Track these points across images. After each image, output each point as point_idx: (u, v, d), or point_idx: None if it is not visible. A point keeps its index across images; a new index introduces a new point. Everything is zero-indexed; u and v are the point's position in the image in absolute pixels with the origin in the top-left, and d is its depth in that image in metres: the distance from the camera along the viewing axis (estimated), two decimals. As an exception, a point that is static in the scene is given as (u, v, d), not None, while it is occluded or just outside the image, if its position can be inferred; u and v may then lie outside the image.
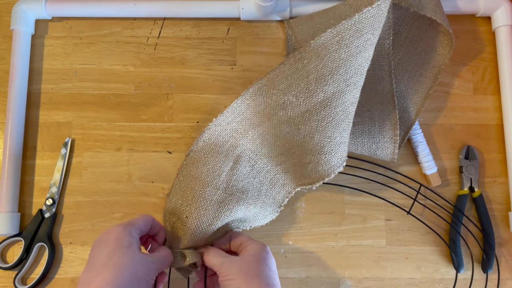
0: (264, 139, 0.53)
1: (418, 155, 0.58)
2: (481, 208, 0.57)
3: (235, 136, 0.53)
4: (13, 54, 0.59)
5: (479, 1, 0.60)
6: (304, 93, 0.48)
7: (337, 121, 0.49)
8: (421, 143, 0.58)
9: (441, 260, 0.57)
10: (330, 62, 0.47)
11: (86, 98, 0.61)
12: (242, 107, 0.52)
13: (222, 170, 0.51)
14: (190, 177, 0.51)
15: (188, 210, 0.49)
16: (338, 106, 0.48)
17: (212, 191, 0.50)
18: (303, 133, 0.50)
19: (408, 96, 0.58)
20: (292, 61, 0.48)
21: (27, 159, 0.59)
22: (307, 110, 0.49)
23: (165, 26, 0.62)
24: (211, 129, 0.53)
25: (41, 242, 0.56)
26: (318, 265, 0.57)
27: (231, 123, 0.53)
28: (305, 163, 0.51)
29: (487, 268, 0.56)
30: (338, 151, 0.50)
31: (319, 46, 0.46)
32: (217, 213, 0.49)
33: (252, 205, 0.52)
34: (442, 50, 0.57)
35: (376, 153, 0.56)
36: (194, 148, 0.53)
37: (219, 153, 0.52)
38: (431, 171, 0.58)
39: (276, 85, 0.49)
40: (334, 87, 0.47)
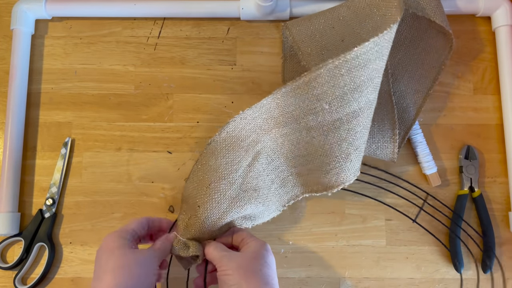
0: (286, 140, 0.52)
1: (418, 155, 0.58)
2: (481, 208, 0.57)
3: (258, 132, 0.52)
4: (13, 54, 0.59)
5: (479, 1, 0.60)
6: (338, 102, 0.47)
7: (365, 131, 0.49)
8: (420, 143, 0.58)
9: (441, 260, 0.57)
10: (368, 72, 0.46)
11: (86, 98, 0.61)
12: (272, 105, 0.50)
13: (240, 165, 0.51)
14: (208, 167, 0.50)
15: (201, 200, 0.49)
16: (368, 116, 0.48)
17: (227, 185, 0.49)
18: (331, 140, 0.49)
19: (408, 96, 0.58)
20: (331, 67, 0.46)
21: (27, 159, 0.59)
22: (338, 118, 0.48)
23: (165, 26, 0.63)
24: (236, 121, 0.51)
25: (41, 242, 0.56)
26: (318, 265, 0.57)
27: (256, 119, 0.51)
28: (327, 169, 0.51)
29: (487, 268, 0.56)
30: (360, 158, 0.50)
31: (360, 56, 0.45)
32: (229, 208, 0.49)
33: (261, 203, 0.52)
34: (442, 50, 0.57)
35: (376, 153, 0.56)
36: (216, 138, 0.51)
37: (240, 147, 0.51)
38: (431, 171, 0.58)
39: (311, 90, 0.47)
40: (367, 97, 0.47)
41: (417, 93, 0.58)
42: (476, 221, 0.58)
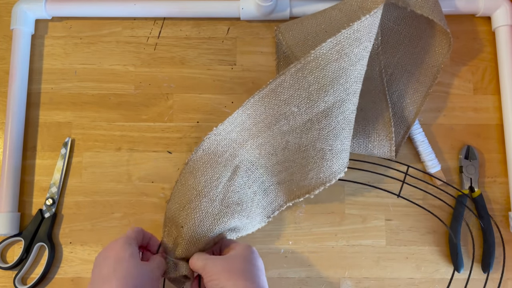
0: (262, 149, 0.53)
1: (421, 154, 0.58)
2: (481, 208, 0.57)
3: (233, 146, 0.52)
4: (13, 54, 0.59)
5: (479, 1, 0.60)
6: (306, 103, 0.48)
7: (339, 130, 0.49)
8: (422, 142, 0.58)
9: (441, 260, 0.57)
10: (331, 72, 0.47)
11: (86, 98, 0.61)
12: (243, 117, 0.51)
13: (219, 181, 0.51)
14: (188, 186, 0.50)
15: (184, 220, 0.49)
16: (339, 115, 0.49)
17: (209, 203, 0.49)
18: (305, 142, 0.50)
19: (408, 95, 0.58)
20: (293, 71, 0.48)
21: (27, 159, 0.59)
22: (309, 119, 0.49)
23: (165, 26, 0.63)
24: (210, 138, 0.52)
25: (41, 242, 0.56)
26: (318, 265, 0.57)
27: (230, 133, 0.52)
28: (306, 171, 0.51)
29: (487, 268, 0.56)
30: (340, 157, 0.50)
31: (319, 56, 0.47)
32: (212, 225, 0.49)
33: (245, 216, 0.52)
34: (441, 50, 0.57)
35: (374, 152, 0.56)
36: (193, 157, 0.52)
37: (218, 163, 0.51)
38: (435, 170, 0.58)
39: (278, 95, 0.49)
40: (334, 96, 0.48)
41: (416, 92, 0.58)
42: (476, 221, 0.58)
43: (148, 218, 0.58)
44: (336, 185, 0.58)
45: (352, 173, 0.59)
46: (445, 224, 0.57)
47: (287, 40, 0.58)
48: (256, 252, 0.46)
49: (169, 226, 0.51)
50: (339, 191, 0.59)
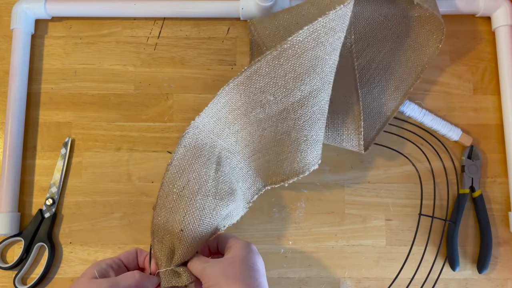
0: (239, 136, 0.52)
1: (439, 130, 0.59)
2: (481, 208, 0.57)
3: (211, 137, 0.51)
4: (13, 54, 0.59)
5: (479, 1, 0.60)
6: (282, 92, 0.48)
7: (314, 120, 0.49)
8: (433, 120, 0.59)
9: (441, 260, 0.57)
10: (307, 60, 0.46)
11: (86, 98, 0.61)
12: (218, 106, 0.50)
13: (208, 175, 0.49)
14: (177, 187, 0.48)
15: (183, 223, 0.46)
16: (314, 105, 0.48)
17: (203, 199, 0.47)
18: (281, 130, 0.50)
19: (388, 91, 0.58)
20: (270, 59, 0.47)
21: (27, 159, 0.59)
22: (284, 108, 0.49)
23: (165, 26, 0.63)
24: (189, 133, 0.50)
25: (41, 242, 0.56)
26: (318, 265, 0.57)
27: (207, 125, 0.50)
28: (281, 160, 0.51)
29: (483, 269, 0.56)
30: (314, 149, 0.50)
31: (296, 44, 0.46)
32: (211, 221, 0.48)
33: (236, 206, 0.51)
34: (428, 49, 0.58)
35: (343, 145, 0.55)
36: (175, 155, 0.49)
37: (202, 156, 0.50)
38: (458, 136, 0.59)
39: (253, 83, 0.48)
40: (310, 86, 0.47)
41: (397, 90, 0.58)
42: (475, 221, 0.58)
43: (148, 218, 0.58)
44: (336, 185, 0.59)
45: (350, 172, 0.59)
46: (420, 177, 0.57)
47: (258, 31, 0.58)
48: (255, 251, 0.45)
49: (159, 234, 0.48)
50: (339, 191, 0.59)
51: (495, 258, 0.57)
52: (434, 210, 0.58)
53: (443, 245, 0.57)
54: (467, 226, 0.58)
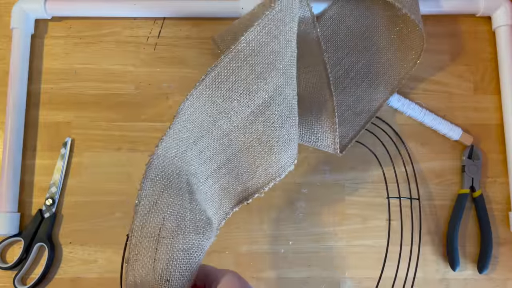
0: (202, 156, 0.48)
1: (439, 130, 0.59)
2: (481, 208, 0.57)
3: (175, 162, 0.46)
4: (13, 54, 0.59)
5: (479, 1, 0.60)
6: (246, 95, 0.45)
7: (283, 118, 0.47)
8: (433, 120, 0.59)
9: (441, 260, 0.57)
10: (265, 57, 0.45)
11: (86, 98, 0.61)
12: (180, 125, 0.46)
13: (184, 208, 0.43)
14: (153, 230, 0.41)
15: (168, 272, 0.39)
16: (281, 103, 0.46)
17: (186, 238, 0.41)
18: (250, 137, 0.47)
19: (363, 102, 0.58)
20: (226, 62, 0.44)
21: (27, 159, 0.59)
22: (251, 112, 0.46)
23: (165, 26, 0.62)
24: (153, 163, 0.44)
25: (41, 242, 0.56)
26: (318, 265, 0.57)
27: (169, 149, 0.45)
28: (254, 168, 0.48)
29: (483, 269, 0.56)
30: (288, 149, 0.47)
31: (250, 41, 0.44)
32: (198, 260, 0.41)
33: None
34: (405, 64, 0.58)
35: (317, 144, 0.53)
36: (143, 193, 0.43)
37: (172, 187, 0.44)
38: (458, 135, 0.59)
39: (214, 92, 0.45)
40: (273, 83, 0.46)
41: (372, 101, 0.59)
42: (476, 221, 0.58)
43: (148, 218, 0.57)
44: (336, 185, 0.59)
45: (350, 172, 0.59)
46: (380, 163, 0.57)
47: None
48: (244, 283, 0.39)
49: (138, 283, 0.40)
50: (339, 191, 0.59)
51: (495, 258, 0.57)
52: (399, 191, 0.58)
53: (443, 245, 0.57)
54: (467, 226, 0.58)
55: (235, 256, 0.57)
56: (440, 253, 0.57)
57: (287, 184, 0.58)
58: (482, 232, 0.57)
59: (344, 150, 0.55)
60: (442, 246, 0.57)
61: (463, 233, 0.58)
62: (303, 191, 0.58)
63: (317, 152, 0.59)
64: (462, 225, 0.57)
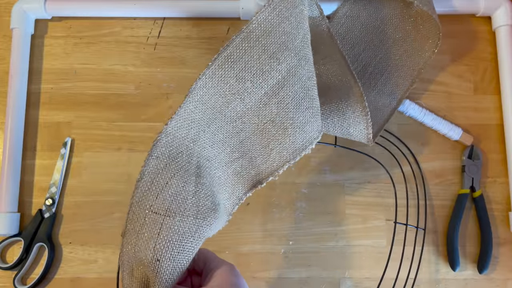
0: (215, 138, 0.47)
1: (439, 130, 0.59)
2: (481, 208, 0.57)
3: (186, 144, 0.45)
4: (13, 54, 0.59)
5: (479, 1, 0.60)
6: (259, 76, 0.45)
7: (298, 100, 0.46)
8: (433, 120, 0.59)
9: (441, 260, 0.57)
10: (277, 37, 0.45)
11: (86, 98, 0.61)
12: (191, 106, 0.45)
13: (187, 191, 0.42)
14: (150, 208, 0.40)
15: (159, 251, 0.38)
16: (295, 84, 0.46)
17: (182, 222, 0.40)
18: (263, 119, 0.47)
19: (384, 96, 0.58)
20: (238, 42, 0.44)
21: (27, 159, 0.59)
22: (265, 93, 0.46)
23: (165, 26, 0.62)
24: (161, 141, 0.44)
25: (41, 242, 0.56)
26: (318, 265, 0.57)
27: (180, 129, 0.45)
28: (269, 151, 0.48)
29: (483, 269, 0.56)
30: (303, 131, 0.46)
31: (262, 22, 0.44)
32: (194, 245, 0.40)
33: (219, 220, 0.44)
34: (424, 54, 0.58)
35: (349, 131, 0.53)
36: (146, 169, 0.42)
37: (178, 168, 0.43)
38: (459, 135, 0.59)
39: (227, 72, 0.44)
40: (286, 63, 0.45)
41: (392, 94, 0.58)
42: (475, 221, 0.58)
43: (148, 218, 0.57)
44: (336, 185, 0.59)
45: (350, 172, 0.59)
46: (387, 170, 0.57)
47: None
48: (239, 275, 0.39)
49: (129, 266, 0.40)
50: (339, 191, 0.59)
51: (495, 258, 0.57)
52: (408, 217, 0.58)
53: (443, 245, 0.57)
54: (467, 226, 0.58)
55: (235, 256, 0.57)
56: (440, 253, 0.57)
57: (287, 184, 0.58)
58: (482, 232, 0.57)
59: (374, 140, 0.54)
60: (442, 246, 0.57)
61: (463, 233, 0.58)
62: (303, 191, 0.58)
63: (318, 152, 0.59)
64: (462, 225, 0.57)
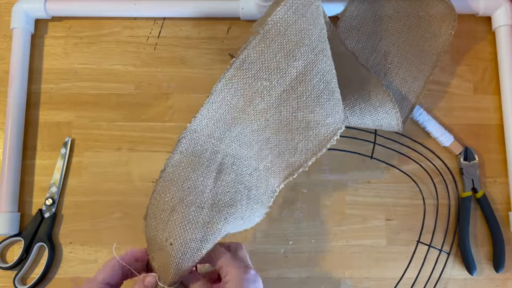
0: (242, 138, 0.49)
1: (431, 132, 0.59)
2: (486, 208, 0.57)
3: (212, 142, 0.48)
4: (13, 54, 0.59)
5: (479, 1, 0.60)
6: (276, 74, 0.47)
7: (317, 93, 0.47)
8: (428, 121, 0.59)
9: (441, 260, 0.57)
10: (293, 35, 0.46)
11: (86, 98, 0.61)
12: (214, 106, 0.48)
13: (205, 185, 0.46)
14: (169, 196, 0.45)
15: (173, 236, 0.43)
16: (313, 78, 0.47)
17: (197, 211, 0.44)
18: (285, 115, 0.48)
19: (407, 83, 0.59)
20: (255, 44, 0.46)
21: (27, 159, 0.59)
22: (283, 90, 0.47)
23: (165, 26, 0.62)
24: (187, 137, 0.48)
25: (41, 242, 0.56)
26: (318, 265, 0.57)
27: (205, 128, 0.48)
28: (295, 145, 0.49)
29: (500, 267, 0.56)
30: (325, 124, 0.48)
31: (277, 22, 0.46)
32: (206, 235, 0.43)
33: (241, 218, 0.47)
34: (440, 38, 0.58)
35: (379, 120, 0.54)
36: (170, 162, 0.47)
37: (200, 164, 0.47)
38: (449, 142, 0.58)
39: (245, 73, 0.47)
40: (303, 59, 0.47)
41: (416, 81, 0.58)
42: (481, 221, 0.58)
43: (148, 218, 0.57)
44: (336, 185, 0.59)
45: (350, 172, 0.59)
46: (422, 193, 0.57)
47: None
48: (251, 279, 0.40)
49: (152, 247, 0.45)
50: (339, 191, 0.59)
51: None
52: (433, 236, 0.58)
53: (446, 246, 0.57)
54: (475, 226, 0.58)
55: (235, 256, 0.57)
56: (437, 252, 0.57)
57: (287, 184, 0.58)
58: (492, 231, 0.57)
59: (403, 126, 0.55)
60: (456, 251, 0.57)
61: (471, 233, 0.58)
62: (303, 191, 0.58)
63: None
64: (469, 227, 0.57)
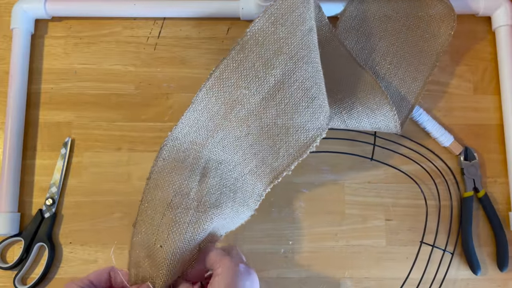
0: (225, 143, 0.51)
1: (431, 132, 0.59)
2: (489, 208, 0.57)
3: (195, 148, 0.50)
4: (13, 54, 0.59)
5: (479, 1, 0.60)
6: (255, 82, 0.48)
7: (296, 100, 0.48)
8: (427, 121, 0.58)
9: (444, 260, 0.57)
10: (271, 44, 0.47)
11: (86, 98, 0.61)
12: (196, 114, 0.50)
13: (190, 187, 0.48)
14: (157, 201, 0.47)
15: (162, 238, 0.44)
16: (292, 85, 0.48)
17: (183, 213, 0.45)
18: (266, 121, 0.49)
19: (406, 84, 0.58)
20: (234, 54, 0.48)
21: (27, 159, 0.59)
22: (263, 98, 0.49)
23: (165, 26, 0.63)
24: (168, 144, 0.50)
25: (41, 242, 0.56)
26: (318, 265, 0.57)
27: (188, 135, 0.50)
28: (277, 150, 0.50)
29: (504, 266, 0.56)
30: (304, 130, 0.49)
31: (256, 33, 0.47)
32: (194, 235, 0.45)
33: (225, 219, 0.49)
34: (439, 38, 0.58)
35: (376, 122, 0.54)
36: (154, 169, 0.50)
37: (183, 168, 0.49)
38: (449, 142, 0.58)
39: (224, 82, 0.48)
40: (282, 68, 0.48)
41: (415, 81, 0.58)
42: (484, 221, 0.58)
43: (148, 218, 0.57)
44: (336, 185, 0.59)
45: (350, 172, 0.59)
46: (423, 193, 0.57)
47: None
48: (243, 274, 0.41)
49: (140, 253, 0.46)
50: (339, 191, 0.59)
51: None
52: (436, 237, 0.58)
53: (460, 249, 0.57)
54: (477, 226, 0.58)
55: (235, 256, 0.57)
56: (440, 253, 0.57)
57: (287, 184, 0.58)
58: (495, 230, 0.57)
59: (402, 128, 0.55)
60: (460, 251, 0.57)
61: (474, 233, 0.58)
62: (303, 191, 0.58)
63: (317, 152, 0.59)
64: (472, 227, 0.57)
